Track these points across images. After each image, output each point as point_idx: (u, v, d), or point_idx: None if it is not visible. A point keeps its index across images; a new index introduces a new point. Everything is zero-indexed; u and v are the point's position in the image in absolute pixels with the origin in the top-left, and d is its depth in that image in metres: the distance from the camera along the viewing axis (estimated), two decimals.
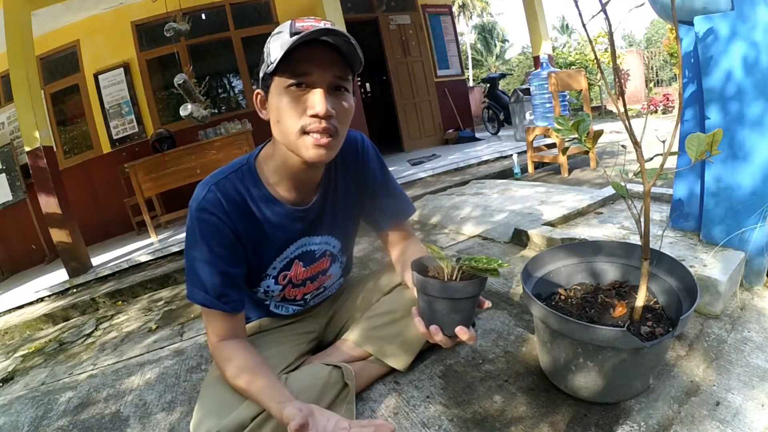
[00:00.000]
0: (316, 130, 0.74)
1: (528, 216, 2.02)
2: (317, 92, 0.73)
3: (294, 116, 0.74)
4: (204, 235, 0.81)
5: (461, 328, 0.70)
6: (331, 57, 0.73)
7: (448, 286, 0.68)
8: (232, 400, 0.79)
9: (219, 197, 0.82)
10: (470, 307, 0.71)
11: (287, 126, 0.75)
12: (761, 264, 1.17)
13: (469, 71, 22.15)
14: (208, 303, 0.82)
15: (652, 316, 0.84)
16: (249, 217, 0.86)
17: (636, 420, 0.79)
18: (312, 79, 0.73)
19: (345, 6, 4.06)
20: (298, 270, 0.98)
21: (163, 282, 2.59)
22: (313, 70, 0.72)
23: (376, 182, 1.00)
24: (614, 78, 0.79)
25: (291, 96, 0.73)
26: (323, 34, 0.70)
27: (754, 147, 1.13)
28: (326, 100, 0.73)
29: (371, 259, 2.08)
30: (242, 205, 0.84)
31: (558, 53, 9.89)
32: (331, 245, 1.01)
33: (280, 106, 0.75)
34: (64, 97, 4.79)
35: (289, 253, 0.95)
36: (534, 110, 3.52)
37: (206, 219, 0.81)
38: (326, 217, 0.96)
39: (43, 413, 1.32)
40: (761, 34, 1.08)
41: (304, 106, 0.73)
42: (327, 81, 0.74)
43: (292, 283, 0.99)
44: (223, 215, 0.82)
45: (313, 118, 0.73)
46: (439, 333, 0.71)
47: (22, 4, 2.98)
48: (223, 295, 0.83)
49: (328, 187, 0.94)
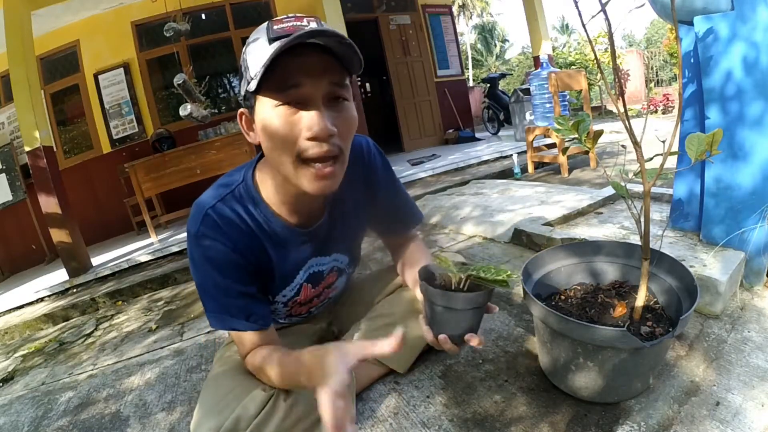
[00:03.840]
0: (317, 157, 0.63)
1: (528, 216, 2.01)
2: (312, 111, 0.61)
3: (288, 142, 0.62)
4: (210, 262, 0.75)
5: (471, 335, 0.69)
6: (324, 62, 0.61)
7: (457, 297, 0.67)
8: (232, 399, 0.79)
9: (216, 221, 0.74)
10: (479, 316, 0.71)
11: (282, 152, 0.64)
12: (761, 264, 1.17)
13: (469, 71, 22.15)
14: (239, 327, 0.77)
15: (652, 316, 0.84)
16: (253, 241, 0.78)
17: (636, 420, 0.79)
18: (304, 92, 0.61)
19: (345, 6, 4.06)
20: (306, 293, 0.94)
21: (163, 282, 2.59)
22: (304, 81, 0.60)
23: (385, 193, 0.93)
24: (614, 78, 0.79)
25: (281, 118, 0.61)
26: (310, 36, 0.57)
27: (753, 147, 1.13)
28: (324, 117, 0.61)
29: (371, 259, 2.08)
30: (243, 227, 0.76)
31: (558, 53, 9.89)
32: (339, 261, 0.96)
33: (269, 131, 0.62)
34: (64, 97, 4.78)
35: (298, 280, 0.89)
36: (534, 110, 3.52)
37: (208, 245, 0.74)
38: (335, 236, 0.89)
39: (43, 413, 1.32)
40: (761, 34, 1.08)
41: (298, 128, 0.62)
42: (322, 92, 0.62)
43: (299, 304, 0.97)
44: (224, 239, 0.74)
45: (311, 141, 0.62)
46: (447, 342, 0.70)
47: (22, 4, 2.97)
48: (250, 314, 0.78)
49: (335, 205, 0.85)
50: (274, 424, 0.75)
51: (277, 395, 0.78)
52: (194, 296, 2.23)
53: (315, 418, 0.83)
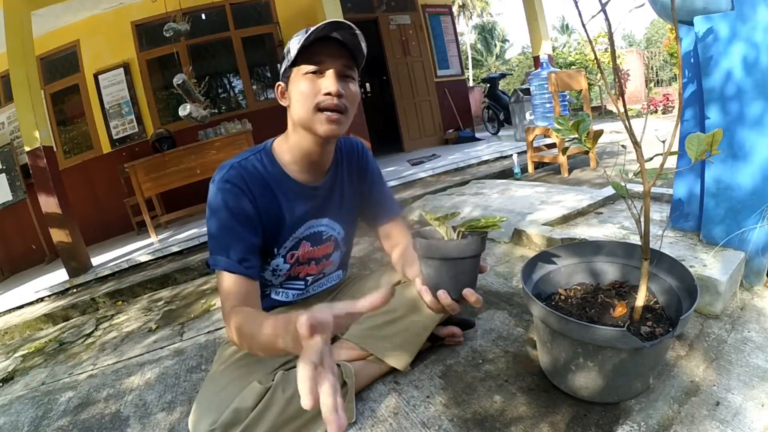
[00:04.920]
0: (329, 106, 0.85)
1: (528, 216, 2.02)
2: (329, 74, 0.86)
3: (311, 96, 0.86)
4: (226, 204, 0.88)
5: (469, 290, 0.69)
6: (340, 50, 0.87)
7: (453, 245, 0.67)
8: (230, 394, 0.79)
9: (241, 172, 0.91)
10: (474, 268, 0.71)
11: (305, 104, 0.86)
12: (761, 264, 1.17)
13: (469, 71, 22.14)
14: (230, 267, 0.86)
15: (652, 316, 0.84)
16: (267, 192, 0.94)
17: (636, 420, 0.79)
18: (325, 66, 0.86)
19: (345, 6, 4.06)
20: (305, 249, 1.04)
21: (163, 282, 2.59)
22: (326, 60, 0.86)
23: (373, 181, 1.11)
24: (614, 78, 0.79)
25: (308, 80, 0.86)
26: (334, 28, 0.83)
27: (753, 147, 1.13)
28: (336, 83, 0.85)
29: (371, 259, 2.08)
30: (261, 181, 0.93)
31: (558, 53, 9.89)
32: (335, 230, 1.08)
33: (299, 89, 0.87)
34: (64, 97, 4.78)
35: (299, 234, 1.02)
36: (534, 110, 3.52)
37: (230, 189, 0.89)
38: (334, 201, 1.05)
39: (43, 413, 1.32)
40: (761, 35, 1.08)
41: (318, 87, 0.86)
42: (337, 68, 0.86)
43: (298, 262, 1.05)
44: (245, 187, 0.90)
45: (326, 96, 0.85)
46: (447, 297, 0.69)
47: (22, 4, 2.97)
48: (244, 259, 0.88)
49: (335, 173, 1.04)
50: (272, 416, 0.76)
51: (275, 388, 0.80)
52: (194, 296, 2.23)
53: (313, 412, 0.83)
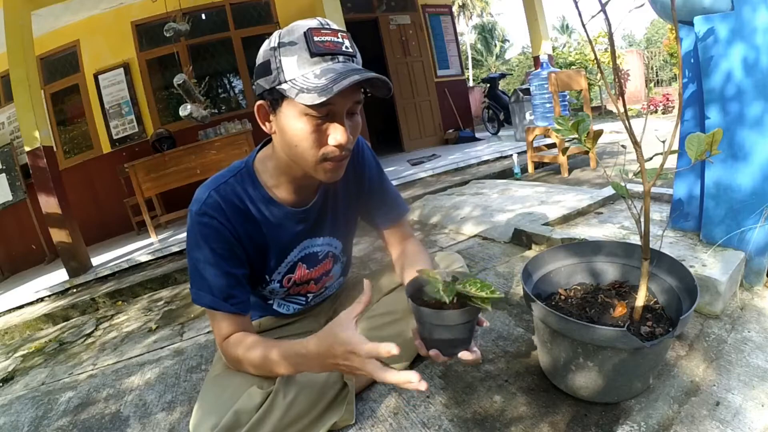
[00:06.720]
0: (338, 159, 0.76)
1: (528, 216, 2.02)
2: (339, 125, 0.73)
3: (315, 145, 0.74)
4: (206, 239, 0.81)
5: (464, 353, 0.69)
6: (354, 89, 0.71)
7: (443, 315, 0.67)
8: (231, 397, 0.79)
9: (219, 201, 0.82)
10: (469, 330, 0.70)
11: (308, 152, 0.74)
12: (761, 264, 1.17)
13: (469, 71, 22.14)
14: (215, 305, 0.82)
15: (652, 316, 0.84)
16: (249, 220, 0.86)
17: (636, 420, 0.79)
18: (334, 109, 0.71)
19: (345, 6, 4.07)
20: (302, 272, 0.99)
21: (163, 282, 2.59)
22: (337, 100, 0.69)
23: (372, 184, 1.01)
24: (614, 78, 0.79)
25: (311, 124, 0.72)
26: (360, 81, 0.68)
27: (753, 147, 1.13)
28: (347, 130, 0.73)
29: (371, 259, 2.08)
30: (242, 208, 0.85)
31: (558, 53, 9.88)
32: (333, 246, 1.02)
33: (296, 132, 0.73)
34: (64, 97, 4.79)
35: (292, 258, 0.95)
36: (534, 110, 3.52)
37: (207, 223, 0.81)
38: (327, 218, 0.97)
39: (43, 413, 1.32)
40: (761, 35, 1.08)
41: (325, 135, 0.73)
42: (347, 109, 0.74)
43: (296, 284, 1.01)
44: (223, 219, 0.82)
45: (335, 147, 0.74)
46: (440, 356, 0.70)
47: (22, 4, 2.98)
48: (230, 296, 0.82)
49: (327, 188, 0.94)
50: (273, 421, 0.76)
51: (276, 393, 0.79)
52: None
53: (314, 415, 0.83)
